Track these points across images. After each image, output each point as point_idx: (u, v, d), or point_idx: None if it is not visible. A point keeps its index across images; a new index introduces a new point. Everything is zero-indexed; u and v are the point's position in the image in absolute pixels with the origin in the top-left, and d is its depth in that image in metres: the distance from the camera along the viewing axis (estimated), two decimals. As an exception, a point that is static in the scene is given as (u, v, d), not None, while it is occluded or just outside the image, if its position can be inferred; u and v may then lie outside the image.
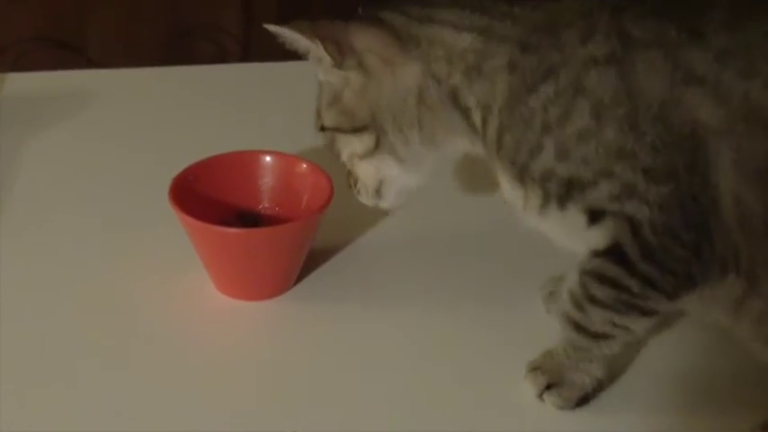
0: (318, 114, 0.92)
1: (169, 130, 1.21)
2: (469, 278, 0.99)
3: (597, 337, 0.84)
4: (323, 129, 0.92)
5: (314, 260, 0.99)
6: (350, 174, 0.94)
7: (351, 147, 0.91)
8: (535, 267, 0.98)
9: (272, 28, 0.87)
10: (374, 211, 1.05)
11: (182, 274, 0.98)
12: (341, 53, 0.87)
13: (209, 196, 0.98)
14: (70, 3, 2.00)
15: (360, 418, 0.85)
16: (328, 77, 0.90)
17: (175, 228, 0.94)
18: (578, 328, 0.84)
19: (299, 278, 0.98)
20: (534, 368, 0.87)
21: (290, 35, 0.87)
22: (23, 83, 1.29)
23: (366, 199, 0.94)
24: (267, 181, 1.01)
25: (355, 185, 0.94)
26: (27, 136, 1.18)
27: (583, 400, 0.86)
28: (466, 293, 0.97)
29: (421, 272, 1.00)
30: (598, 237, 0.81)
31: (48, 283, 0.98)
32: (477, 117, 0.85)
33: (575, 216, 0.81)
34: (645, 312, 0.82)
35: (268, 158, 1.01)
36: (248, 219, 0.99)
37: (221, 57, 2.05)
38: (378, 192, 0.93)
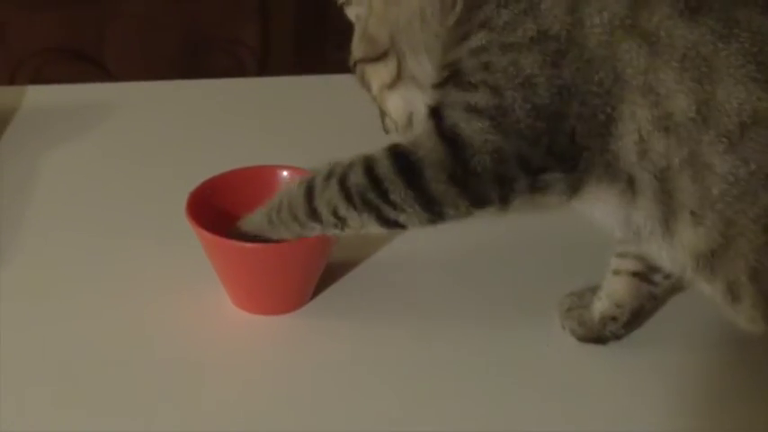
0: (352, 52, 0.92)
1: (186, 143, 1.22)
2: (488, 293, 0.98)
3: (314, 214, 0.84)
4: (354, 64, 0.92)
5: (330, 275, 0.99)
6: (381, 113, 0.93)
7: (378, 76, 0.91)
8: (553, 283, 0.97)
9: None
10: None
11: (197, 289, 0.98)
12: None
13: (226, 211, 0.98)
14: (88, 15, 2.02)
15: (375, 434, 0.85)
16: (358, 9, 0.90)
17: (191, 242, 0.94)
18: (308, 192, 0.84)
19: (316, 293, 0.98)
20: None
21: None
22: (42, 95, 1.30)
23: (396, 135, 0.92)
24: (284, 196, 1.01)
25: (384, 123, 0.94)
26: (45, 148, 1.18)
27: None
28: (485, 309, 0.97)
29: (438, 287, 1.00)
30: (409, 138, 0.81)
31: (63, 296, 0.98)
32: None
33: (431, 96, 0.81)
34: (384, 220, 0.81)
35: (285, 173, 1.01)
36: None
37: (238, 69, 2.06)
38: (406, 128, 0.92)
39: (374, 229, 0.83)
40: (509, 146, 0.77)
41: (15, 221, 1.07)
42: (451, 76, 0.80)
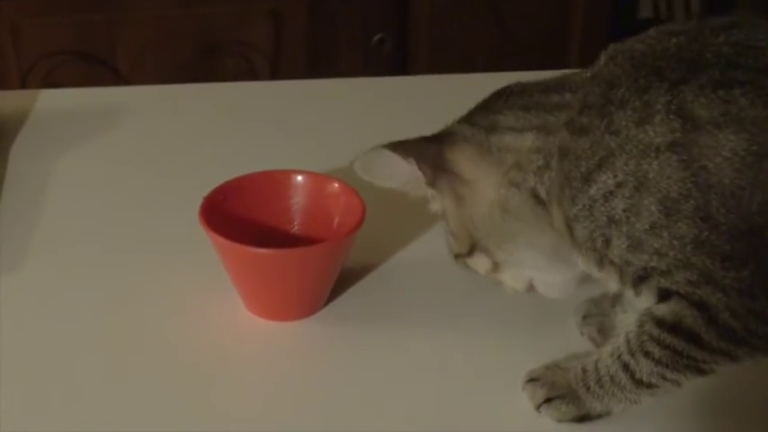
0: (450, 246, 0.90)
1: (199, 147, 1.21)
2: (505, 299, 0.97)
3: (641, 384, 0.80)
4: (455, 256, 0.90)
5: (345, 281, 0.99)
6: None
7: (480, 266, 0.88)
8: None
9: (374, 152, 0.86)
10: (406, 232, 1.05)
11: (211, 294, 0.97)
12: (433, 173, 0.85)
13: (240, 216, 0.97)
14: (100, 19, 2.02)
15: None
16: (435, 207, 0.88)
17: (205, 246, 0.94)
18: (625, 368, 0.81)
19: (330, 299, 0.97)
20: (532, 379, 0.86)
21: (387, 156, 0.85)
22: (55, 99, 1.29)
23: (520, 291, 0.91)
24: (298, 201, 1.00)
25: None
26: (57, 152, 1.18)
27: (583, 419, 0.84)
28: (502, 315, 0.96)
29: (453, 293, 0.99)
30: (663, 309, 0.78)
31: (74, 300, 0.97)
32: (551, 208, 0.82)
33: (646, 295, 0.79)
34: (703, 372, 0.79)
35: (300, 178, 1.00)
36: (277, 238, 0.99)
37: (250, 73, 2.06)
38: (530, 290, 0.90)
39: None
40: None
41: (28, 225, 1.06)
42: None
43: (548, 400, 0.84)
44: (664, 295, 0.78)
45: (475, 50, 2.12)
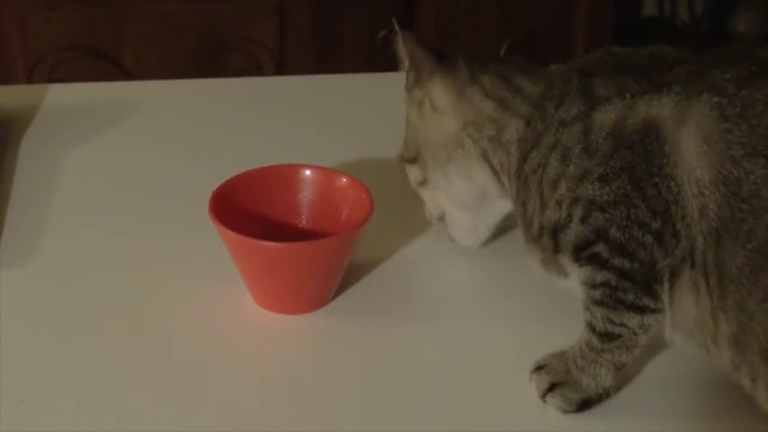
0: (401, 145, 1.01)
1: (206, 142, 1.21)
2: (514, 294, 0.98)
3: (604, 336, 0.85)
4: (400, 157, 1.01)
5: (353, 274, 0.99)
6: (421, 200, 1.01)
7: (412, 174, 1.00)
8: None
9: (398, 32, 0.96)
10: (414, 226, 1.05)
11: (220, 287, 0.97)
12: (415, 82, 0.97)
13: (249, 210, 0.98)
14: (106, 14, 2.02)
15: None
16: (407, 109, 0.99)
17: (214, 240, 0.94)
18: (590, 327, 0.86)
19: (338, 292, 0.98)
20: (539, 367, 0.88)
21: (400, 40, 0.96)
22: (62, 94, 1.30)
23: (433, 221, 1.02)
24: (307, 195, 1.00)
25: (425, 210, 1.02)
26: (65, 147, 1.18)
27: (585, 404, 0.86)
28: (510, 310, 0.97)
29: (462, 287, 1.00)
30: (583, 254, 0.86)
31: (84, 294, 0.98)
32: (504, 179, 0.94)
33: (568, 266, 0.87)
34: (630, 306, 0.84)
35: (308, 172, 1.01)
36: (286, 232, 0.99)
37: (255, 68, 2.06)
38: (441, 219, 1.01)
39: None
40: None
41: (36, 220, 1.07)
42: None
43: (552, 388, 0.86)
44: (578, 258, 0.86)
45: (480, 46, 2.12)
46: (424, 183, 0.99)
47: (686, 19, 2.48)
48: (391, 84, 1.03)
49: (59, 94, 1.29)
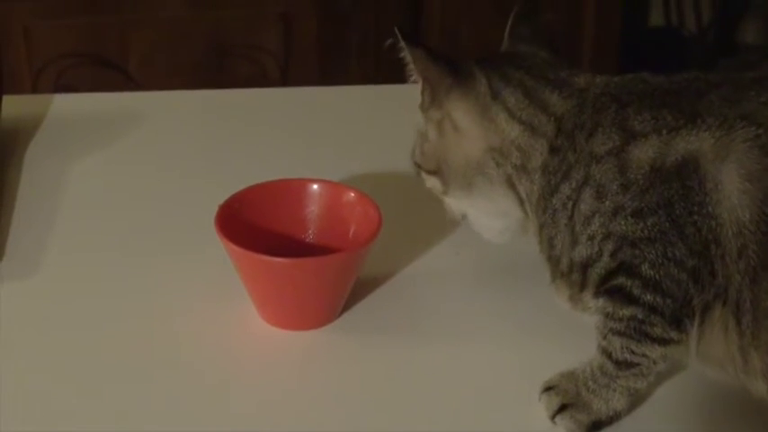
0: (413, 152, 0.96)
1: (214, 154, 1.21)
2: (519, 310, 0.97)
3: (621, 364, 0.84)
4: (415, 163, 0.96)
5: (361, 290, 0.98)
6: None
7: (432, 183, 0.95)
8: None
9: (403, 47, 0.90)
10: (422, 242, 1.04)
11: (226, 302, 0.97)
12: (431, 102, 0.92)
13: (255, 224, 0.97)
14: (111, 22, 2.02)
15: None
16: (419, 120, 0.94)
17: (219, 254, 0.94)
18: (605, 353, 0.84)
19: (345, 308, 0.97)
20: (549, 387, 0.87)
21: (408, 58, 0.91)
22: (68, 104, 1.29)
23: (455, 220, 0.98)
24: (314, 209, 1.00)
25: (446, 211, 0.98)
26: (71, 157, 1.18)
27: (595, 427, 0.85)
28: (516, 326, 0.96)
29: (468, 303, 0.99)
30: (608, 286, 0.84)
31: (89, 306, 0.97)
32: (527, 207, 0.90)
33: (590, 302, 0.85)
34: (656, 340, 0.82)
35: (315, 186, 1.00)
36: (293, 248, 0.99)
37: (261, 77, 2.06)
38: (464, 219, 0.97)
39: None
40: None
41: (42, 230, 1.06)
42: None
43: (562, 409, 0.85)
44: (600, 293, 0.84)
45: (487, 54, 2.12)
46: (445, 193, 0.94)
47: (693, 29, 2.48)
48: (399, 95, 1.02)
49: (65, 105, 1.29)
